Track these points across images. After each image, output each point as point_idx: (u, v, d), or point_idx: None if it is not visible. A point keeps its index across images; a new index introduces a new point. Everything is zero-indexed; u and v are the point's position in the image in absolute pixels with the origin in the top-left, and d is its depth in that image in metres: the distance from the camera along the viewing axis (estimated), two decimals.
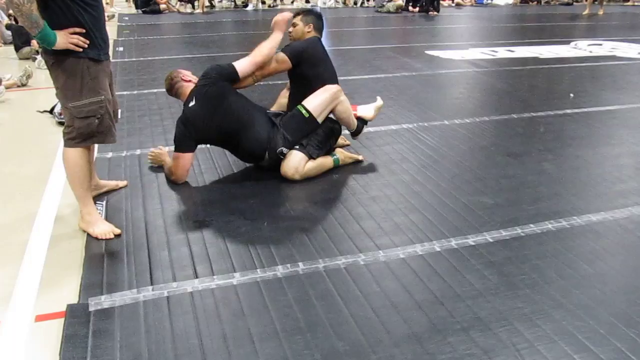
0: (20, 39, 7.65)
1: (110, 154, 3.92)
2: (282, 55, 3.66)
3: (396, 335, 2.12)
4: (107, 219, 2.99)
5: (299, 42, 3.80)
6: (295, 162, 3.49)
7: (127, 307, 2.28)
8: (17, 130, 4.66)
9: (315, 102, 3.58)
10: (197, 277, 2.48)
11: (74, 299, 2.34)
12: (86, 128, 2.74)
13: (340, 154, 3.81)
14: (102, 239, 2.79)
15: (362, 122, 3.95)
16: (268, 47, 3.55)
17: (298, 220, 3.05)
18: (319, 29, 3.90)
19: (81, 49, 2.61)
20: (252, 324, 2.18)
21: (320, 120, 3.58)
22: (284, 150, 3.50)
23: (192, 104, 3.42)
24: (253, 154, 3.57)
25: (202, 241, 2.80)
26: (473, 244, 2.79)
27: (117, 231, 2.85)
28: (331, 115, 3.70)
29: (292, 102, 3.79)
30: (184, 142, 3.44)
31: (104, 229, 2.84)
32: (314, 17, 3.91)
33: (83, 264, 2.59)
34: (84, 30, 2.60)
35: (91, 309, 2.26)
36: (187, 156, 3.45)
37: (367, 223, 3.00)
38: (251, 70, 3.53)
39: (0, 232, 2.96)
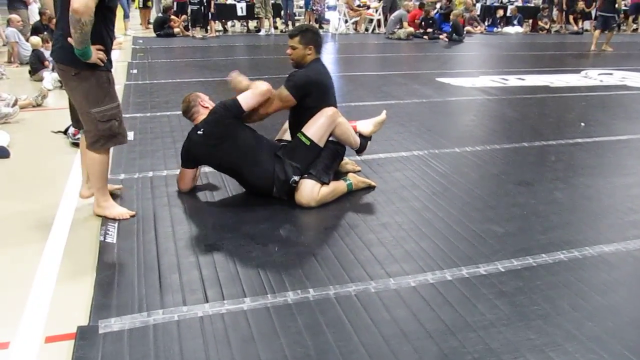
0: (37, 63, 7.79)
1: (122, 176, 3.95)
2: (285, 93, 3.60)
3: None
4: (118, 240, 3.02)
5: (303, 76, 3.65)
6: (309, 191, 3.49)
7: (137, 330, 2.27)
8: (31, 150, 4.71)
9: (314, 128, 3.56)
10: (207, 302, 2.48)
11: (84, 320, 2.35)
12: (108, 130, 3.13)
13: (353, 178, 3.81)
14: (119, 220, 3.24)
15: (364, 138, 3.91)
16: (261, 87, 3.59)
17: (309, 245, 3.05)
18: (319, 47, 3.75)
19: (102, 64, 3.02)
20: (262, 349, 2.17)
21: (322, 144, 3.59)
22: (296, 178, 3.51)
23: (199, 132, 3.51)
24: (259, 188, 3.60)
25: (212, 265, 2.80)
26: (484, 273, 2.78)
27: (132, 212, 3.30)
28: (332, 138, 3.70)
29: (294, 129, 3.76)
30: (186, 161, 3.66)
31: (120, 211, 3.28)
32: (313, 34, 3.72)
33: (94, 285, 2.60)
34: (104, 48, 3.02)
35: (101, 331, 2.26)
36: (188, 172, 3.68)
37: (377, 250, 2.99)
38: (255, 102, 3.55)
39: (12, 252, 2.98)
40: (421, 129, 5.44)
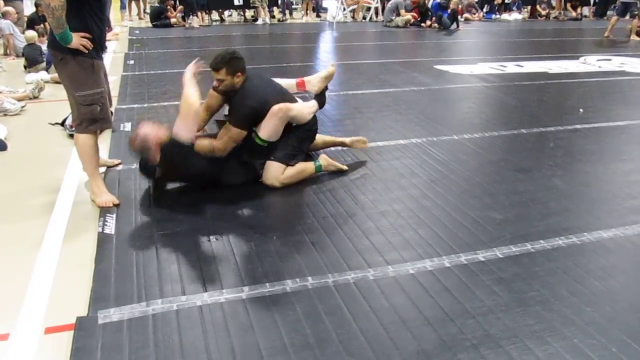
0: (38, 55, 7.76)
1: (120, 167, 3.95)
2: (236, 131, 3.45)
3: (406, 351, 2.11)
4: (116, 231, 3.02)
5: (245, 107, 3.48)
6: (273, 172, 3.56)
7: (136, 321, 2.28)
8: (28, 143, 4.69)
9: (268, 130, 3.53)
10: (206, 291, 2.48)
11: (83, 311, 2.35)
12: (90, 114, 3.28)
13: (323, 160, 3.86)
14: (103, 207, 3.32)
15: (318, 96, 3.88)
16: (186, 106, 3.39)
17: (307, 234, 3.04)
18: (244, 68, 3.53)
19: (87, 51, 3.17)
20: (261, 338, 2.18)
21: (278, 137, 3.58)
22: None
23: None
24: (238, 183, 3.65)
25: (211, 255, 2.81)
26: (483, 259, 2.78)
27: (116, 201, 3.36)
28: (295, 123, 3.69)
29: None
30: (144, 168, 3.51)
31: (105, 199, 3.38)
32: (236, 61, 3.49)
33: (93, 276, 2.60)
34: (91, 36, 3.17)
35: (100, 321, 2.27)
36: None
37: (376, 238, 2.99)
38: (191, 125, 3.36)
39: (11, 244, 2.98)
40: (419, 117, 5.42)
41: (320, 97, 3.93)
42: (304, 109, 3.75)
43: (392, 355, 2.09)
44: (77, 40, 3.10)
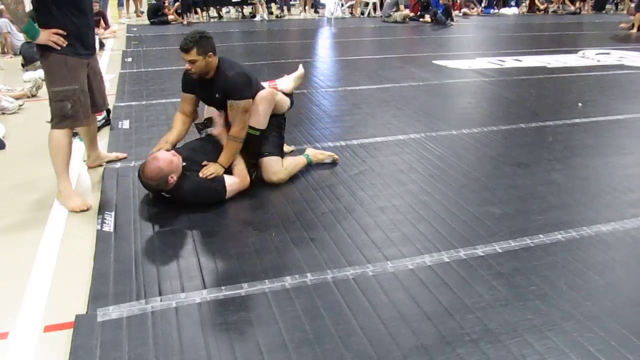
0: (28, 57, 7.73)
1: (118, 165, 3.95)
2: (245, 103, 3.41)
3: (405, 346, 2.11)
4: (115, 229, 3.02)
5: (241, 75, 3.45)
6: (275, 167, 3.60)
7: (135, 318, 2.28)
8: (26, 141, 4.68)
9: (258, 117, 3.52)
10: (205, 288, 2.48)
11: (82, 309, 2.35)
12: (60, 110, 3.25)
13: (310, 151, 3.96)
14: (76, 212, 3.24)
15: (288, 96, 3.89)
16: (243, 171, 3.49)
17: (306, 230, 3.04)
18: (215, 48, 3.40)
19: (59, 47, 3.12)
20: (260, 334, 2.18)
21: (265, 126, 3.60)
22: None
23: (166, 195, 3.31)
24: None
25: (210, 251, 2.80)
26: (482, 254, 2.78)
27: (89, 205, 3.27)
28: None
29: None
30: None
31: (77, 204, 3.27)
32: (207, 40, 3.35)
33: (92, 274, 2.60)
34: (65, 33, 3.13)
35: (99, 319, 2.26)
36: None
37: (375, 234, 2.99)
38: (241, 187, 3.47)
39: (9, 243, 2.97)
40: (418, 112, 5.42)
41: (290, 97, 3.95)
42: (283, 96, 3.79)
43: (392, 350, 2.09)
44: (46, 36, 3.08)
